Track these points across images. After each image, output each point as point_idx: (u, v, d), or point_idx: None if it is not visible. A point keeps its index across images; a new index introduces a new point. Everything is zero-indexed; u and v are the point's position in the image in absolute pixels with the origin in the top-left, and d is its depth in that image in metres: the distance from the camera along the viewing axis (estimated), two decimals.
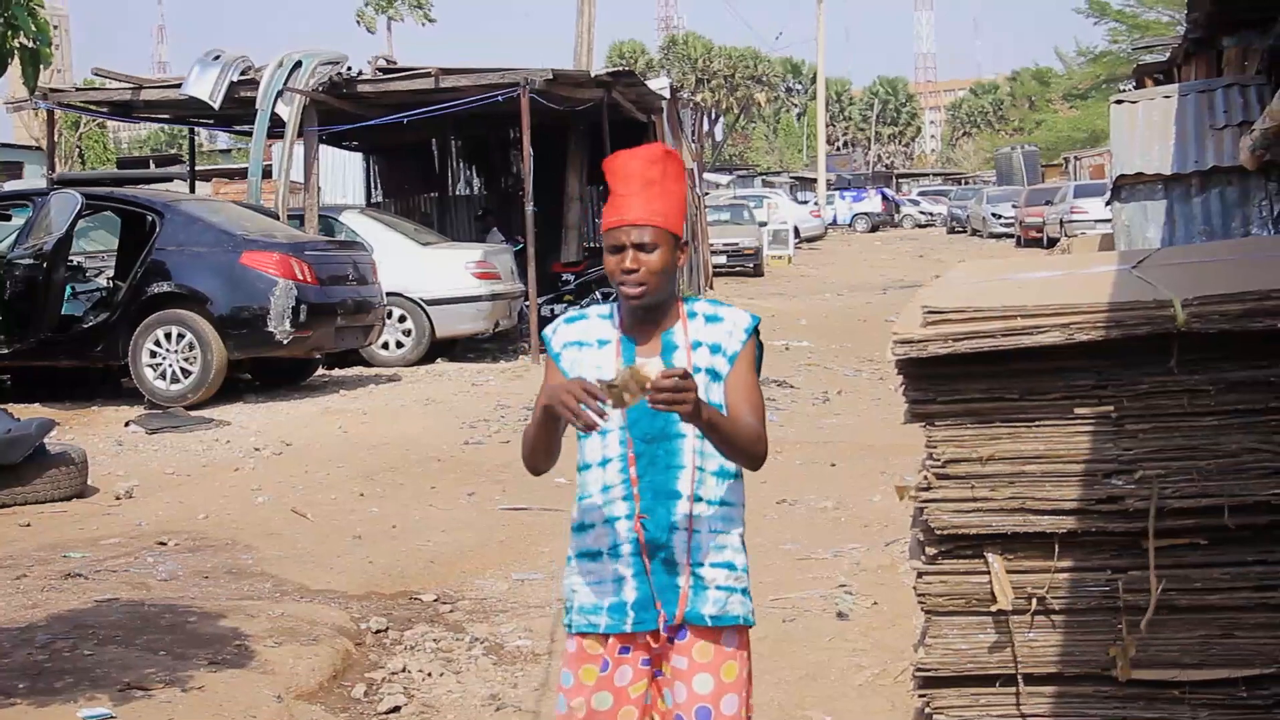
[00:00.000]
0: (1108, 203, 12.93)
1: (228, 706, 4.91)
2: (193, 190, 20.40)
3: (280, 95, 15.84)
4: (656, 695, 3.08)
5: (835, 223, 54.79)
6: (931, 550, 3.13)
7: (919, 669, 3.17)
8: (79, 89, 19.34)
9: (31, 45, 4.82)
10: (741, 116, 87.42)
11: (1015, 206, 41.25)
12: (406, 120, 16.79)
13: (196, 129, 21.46)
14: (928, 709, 3.18)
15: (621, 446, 3.04)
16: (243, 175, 22.42)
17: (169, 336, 12.12)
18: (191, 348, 12.07)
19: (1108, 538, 3.04)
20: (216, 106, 16.28)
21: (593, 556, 3.07)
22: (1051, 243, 32.46)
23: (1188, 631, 3.03)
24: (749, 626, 3.11)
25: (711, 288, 25.35)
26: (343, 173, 24.82)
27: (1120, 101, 12.90)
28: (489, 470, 9.49)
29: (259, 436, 10.75)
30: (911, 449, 3.63)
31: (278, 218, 14.66)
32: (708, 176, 36.15)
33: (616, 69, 18.71)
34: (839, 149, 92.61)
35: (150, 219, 12.81)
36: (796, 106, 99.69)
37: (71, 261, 13.17)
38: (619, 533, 3.03)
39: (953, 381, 3.08)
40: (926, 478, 3.10)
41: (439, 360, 15.41)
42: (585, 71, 20.00)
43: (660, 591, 3.01)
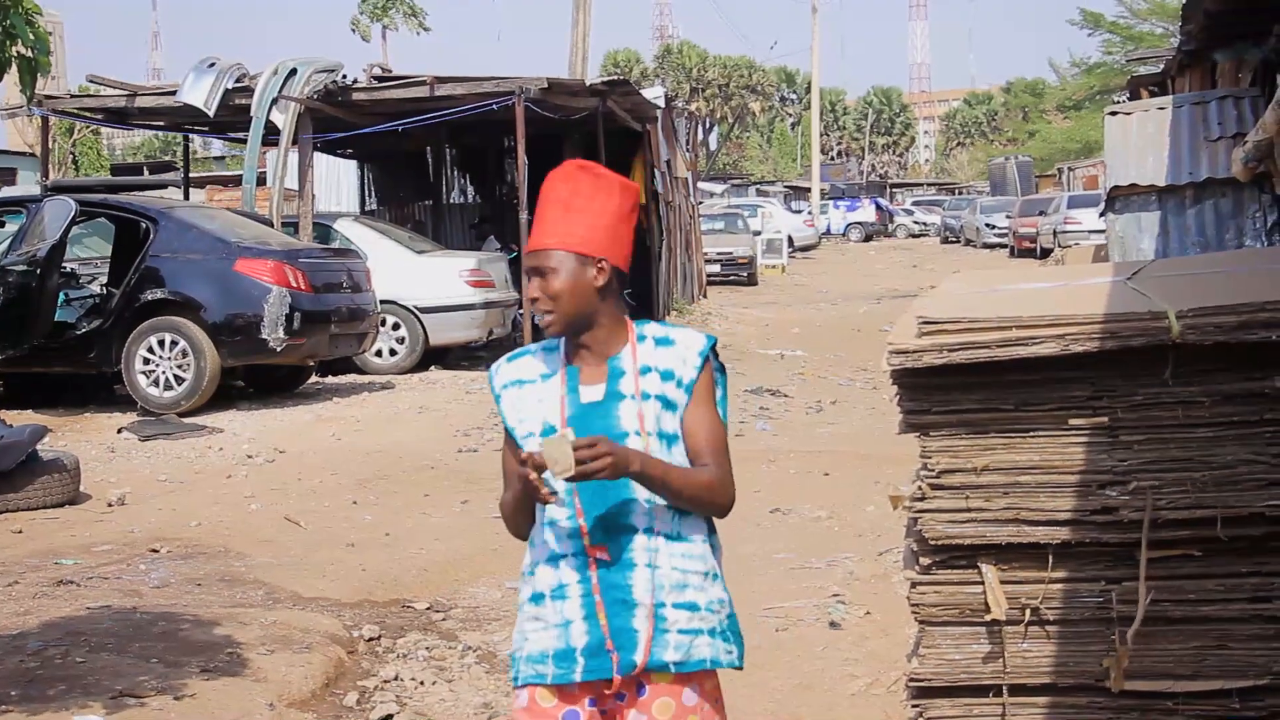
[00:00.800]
0: (1102, 214, 12.97)
1: (220, 714, 4.90)
2: (187, 197, 20.38)
3: (275, 103, 15.84)
4: None
5: (829, 232, 54.84)
6: (925, 560, 3.13)
7: (912, 679, 3.17)
8: (73, 96, 19.29)
9: (29, 54, 4.82)
10: (736, 126, 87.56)
11: (1009, 217, 41.33)
12: (401, 128, 16.81)
13: (191, 136, 21.45)
14: (921, 719, 3.18)
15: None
16: (237, 182, 22.42)
17: (162, 343, 12.10)
18: (185, 355, 12.05)
19: (1102, 549, 3.04)
20: (211, 114, 16.27)
21: (536, 599, 2.87)
22: (1045, 253, 32.53)
23: (1181, 643, 3.03)
24: (718, 669, 2.86)
25: (705, 296, 25.38)
26: (337, 180, 24.84)
27: (1115, 113, 12.93)
28: (482, 478, 9.48)
29: (252, 444, 10.74)
30: (905, 459, 3.64)
31: (272, 225, 14.65)
32: (702, 186, 36.15)
33: (611, 78, 18.71)
34: (833, 158, 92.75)
35: (144, 226, 12.81)
36: (791, 116, 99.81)
37: (65, 268, 13.15)
38: (565, 572, 2.82)
39: (948, 392, 3.08)
40: (921, 488, 3.10)
41: (433, 368, 15.41)
42: (580, 80, 20.01)
43: (615, 635, 2.76)
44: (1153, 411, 2.99)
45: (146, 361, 12.13)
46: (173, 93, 16.59)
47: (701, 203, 30.69)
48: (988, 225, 44.54)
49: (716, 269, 29.50)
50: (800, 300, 27.18)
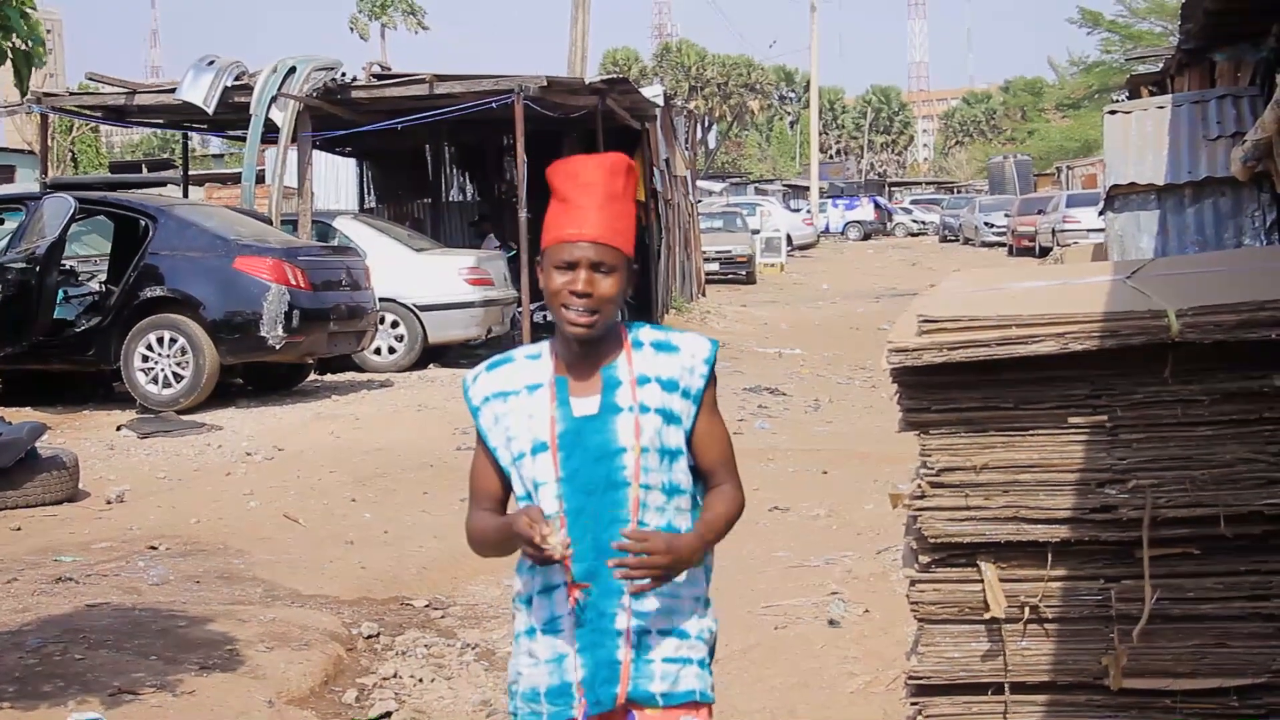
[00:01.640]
0: (1101, 212, 12.97)
1: (219, 711, 4.90)
2: (186, 195, 20.37)
3: (274, 101, 15.83)
4: None
5: (828, 231, 54.84)
6: (925, 558, 3.14)
7: (911, 677, 3.18)
8: (73, 93, 19.25)
9: (24, 47, 4.81)
10: (735, 124, 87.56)
11: (1008, 216, 41.35)
12: (400, 126, 16.80)
13: (190, 134, 21.45)
14: (920, 717, 3.18)
15: (557, 501, 2.63)
16: (236, 180, 22.39)
17: (161, 341, 12.09)
18: (184, 352, 12.05)
19: (1101, 547, 3.05)
20: (210, 112, 16.27)
21: (529, 633, 2.70)
22: (1044, 252, 32.54)
23: (1180, 641, 3.03)
24: (708, 704, 2.70)
25: (704, 295, 25.37)
26: (336, 178, 24.82)
27: (1114, 111, 12.93)
28: None
29: (251, 441, 10.74)
30: (904, 457, 3.64)
31: (271, 223, 14.64)
32: (701, 184, 36.16)
33: (610, 76, 18.73)
34: (832, 157, 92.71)
35: (143, 223, 12.80)
36: (789, 114, 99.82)
37: (64, 265, 13.14)
38: (557, 603, 2.65)
39: (947, 390, 3.08)
40: (920, 486, 3.11)
41: (431, 366, 15.41)
42: (579, 78, 20.01)
43: (600, 667, 2.62)
44: (1152, 410, 2.99)
45: (145, 359, 12.13)
46: (172, 90, 16.58)
47: (700, 201, 30.68)
48: (986, 224, 44.54)
49: (715, 267, 29.49)
50: (799, 299, 27.18)
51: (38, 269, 12.02)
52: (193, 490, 9.13)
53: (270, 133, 16.17)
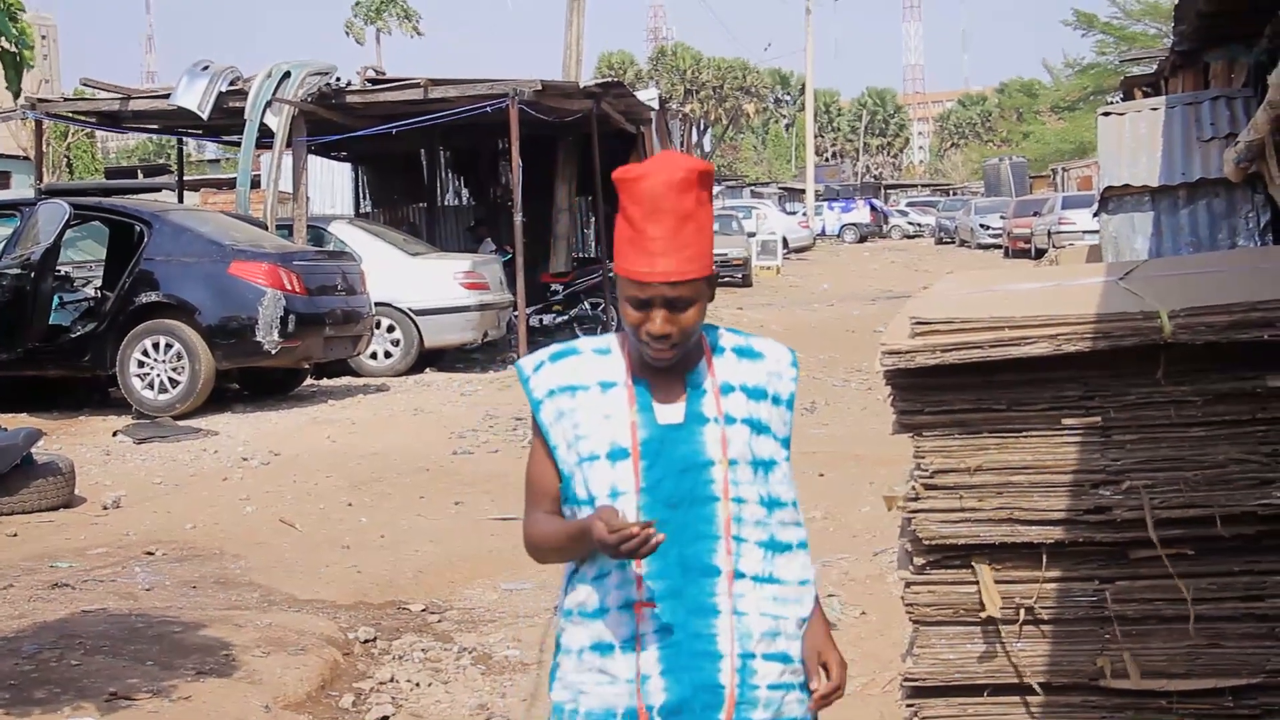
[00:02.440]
0: (1095, 214, 12.97)
1: (215, 716, 4.90)
2: (181, 200, 20.36)
3: (269, 105, 15.83)
4: None
5: (824, 233, 54.81)
6: (920, 560, 3.14)
7: (907, 678, 3.18)
8: (67, 99, 19.30)
9: (13, 50, 4.82)
10: (730, 127, 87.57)
11: (1003, 217, 41.37)
12: (395, 131, 16.79)
13: (185, 139, 21.44)
14: (916, 718, 3.19)
15: (640, 513, 2.43)
16: (231, 185, 22.35)
17: (157, 346, 12.10)
18: (179, 358, 12.05)
19: (1095, 548, 3.05)
20: (205, 117, 16.26)
21: (603, 649, 2.48)
22: (1039, 254, 32.54)
23: (1175, 641, 3.03)
24: None
25: None
26: (331, 183, 24.83)
27: (1108, 113, 12.93)
28: (477, 480, 9.48)
29: (247, 446, 10.73)
30: (899, 459, 3.64)
31: (266, 228, 14.65)
32: None
33: (605, 80, 18.71)
34: (827, 160, 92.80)
35: (138, 229, 12.80)
36: (785, 117, 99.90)
37: (59, 271, 13.15)
38: (641, 620, 2.45)
39: (941, 392, 3.09)
40: (914, 488, 3.11)
41: (427, 370, 15.41)
42: (574, 82, 20.03)
43: (698, 693, 2.44)
44: (1145, 411, 3.00)
45: (141, 364, 12.13)
46: (166, 96, 16.58)
47: None
48: (982, 226, 44.54)
49: None
50: (794, 301, 27.18)
51: (33, 275, 12.02)
52: (189, 495, 9.12)
53: (265, 138, 16.17)
